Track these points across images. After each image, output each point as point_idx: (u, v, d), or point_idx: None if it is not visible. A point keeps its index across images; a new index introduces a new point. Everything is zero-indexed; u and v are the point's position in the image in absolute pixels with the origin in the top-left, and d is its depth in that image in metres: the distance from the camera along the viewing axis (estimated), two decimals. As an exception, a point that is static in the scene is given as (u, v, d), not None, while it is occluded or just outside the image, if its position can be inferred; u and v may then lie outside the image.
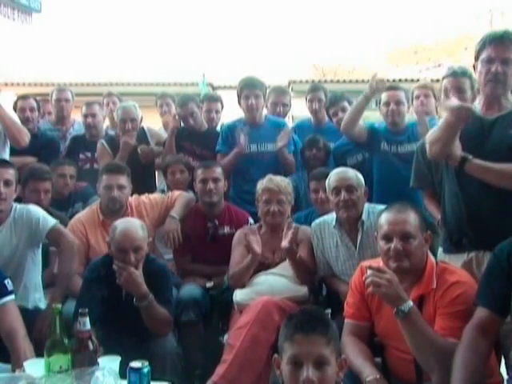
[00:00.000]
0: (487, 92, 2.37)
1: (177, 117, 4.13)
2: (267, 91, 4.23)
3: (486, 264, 2.26)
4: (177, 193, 3.49)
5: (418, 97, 3.74)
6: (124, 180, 3.28)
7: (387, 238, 2.09)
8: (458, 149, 2.32)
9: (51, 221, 2.91)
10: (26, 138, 3.66)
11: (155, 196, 3.51)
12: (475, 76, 2.52)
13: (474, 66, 2.43)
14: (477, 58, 2.38)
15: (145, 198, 3.43)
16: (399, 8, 40.08)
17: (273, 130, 3.89)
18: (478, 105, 2.45)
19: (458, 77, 3.09)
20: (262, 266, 2.99)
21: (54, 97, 4.59)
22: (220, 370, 2.51)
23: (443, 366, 1.88)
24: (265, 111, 4.21)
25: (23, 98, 4.34)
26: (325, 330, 1.64)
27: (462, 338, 1.87)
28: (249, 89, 3.88)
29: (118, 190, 3.22)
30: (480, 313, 1.90)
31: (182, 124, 4.17)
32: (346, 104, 3.90)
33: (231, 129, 3.93)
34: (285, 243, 2.81)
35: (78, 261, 2.99)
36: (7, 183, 2.81)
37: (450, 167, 2.42)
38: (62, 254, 2.92)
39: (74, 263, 2.94)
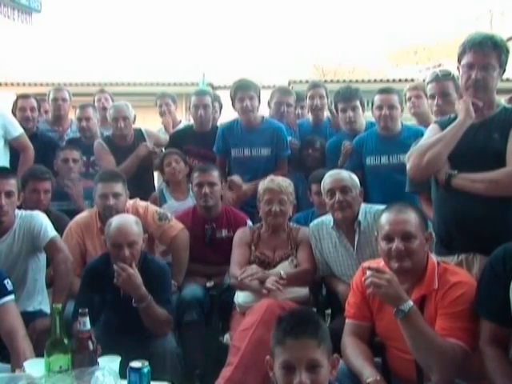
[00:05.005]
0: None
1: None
2: (271, 91, 4.24)
3: (475, 266, 2.28)
4: (174, 231, 3.31)
5: (409, 98, 3.71)
6: (119, 188, 3.19)
7: (388, 238, 2.08)
8: (444, 165, 2.32)
9: (51, 233, 2.87)
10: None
11: (153, 214, 3.33)
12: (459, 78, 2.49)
13: (458, 68, 2.42)
14: (459, 61, 2.37)
15: (142, 210, 3.30)
16: (399, 8, 40.16)
17: (269, 133, 3.82)
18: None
19: (440, 81, 3.11)
20: (262, 264, 2.99)
21: (51, 96, 4.56)
22: (226, 372, 2.50)
23: (443, 366, 1.88)
24: (265, 113, 4.19)
25: (24, 97, 4.31)
26: (315, 332, 1.65)
27: (486, 359, 1.87)
28: (243, 90, 3.81)
29: (114, 198, 3.14)
30: (489, 327, 1.90)
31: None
32: (358, 103, 3.76)
33: (228, 129, 3.91)
34: (269, 286, 2.74)
35: (72, 276, 2.88)
36: (9, 194, 2.76)
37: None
38: (57, 269, 2.85)
39: (69, 279, 2.84)
